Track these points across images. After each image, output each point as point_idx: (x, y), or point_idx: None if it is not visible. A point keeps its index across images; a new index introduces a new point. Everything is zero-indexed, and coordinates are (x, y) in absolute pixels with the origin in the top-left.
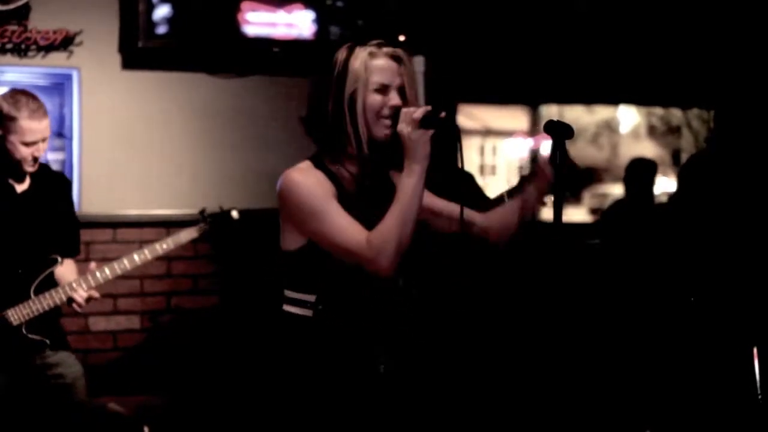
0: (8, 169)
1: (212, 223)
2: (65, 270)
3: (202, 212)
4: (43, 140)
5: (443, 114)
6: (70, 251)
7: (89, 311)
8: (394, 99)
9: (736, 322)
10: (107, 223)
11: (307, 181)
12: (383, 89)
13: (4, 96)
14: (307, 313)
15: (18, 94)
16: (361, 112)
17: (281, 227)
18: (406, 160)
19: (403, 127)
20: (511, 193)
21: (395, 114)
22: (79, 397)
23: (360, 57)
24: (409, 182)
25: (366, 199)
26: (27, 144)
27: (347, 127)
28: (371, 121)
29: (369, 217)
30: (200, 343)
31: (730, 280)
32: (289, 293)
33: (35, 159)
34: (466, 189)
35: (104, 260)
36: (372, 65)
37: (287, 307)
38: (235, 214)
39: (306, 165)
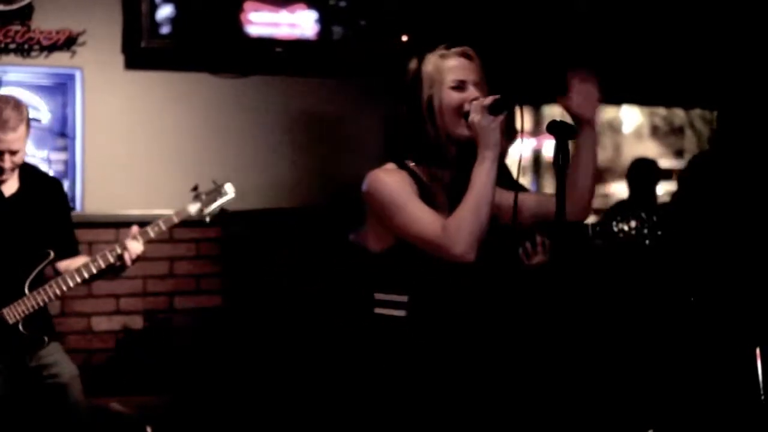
0: None
1: (207, 198)
2: (79, 259)
3: (195, 188)
4: (11, 152)
5: (511, 100)
6: (69, 252)
7: (91, 311)
8: (472, 93)
9: (738, 322)
10: (110, 223)
11: (390, 178)
12: (460, 86)
13: None
14: (400, 313)
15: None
16: (440, 113)
17: (367, 228)
18: (478, 149)
19: (474, 116)
20: None
21: None
22: (75, 396)
23: (431, 61)
24: (481, 169)
25: (450, 199)
26: None
27: (429, 130)
28: (451, 122)
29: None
30: (203, 343)
31: (732, 280)
32: (379, 296)
33: (1, 170)
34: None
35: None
36: (444, 65)
37: (379, 310)
38: (229, 188)
39: (390, 166)
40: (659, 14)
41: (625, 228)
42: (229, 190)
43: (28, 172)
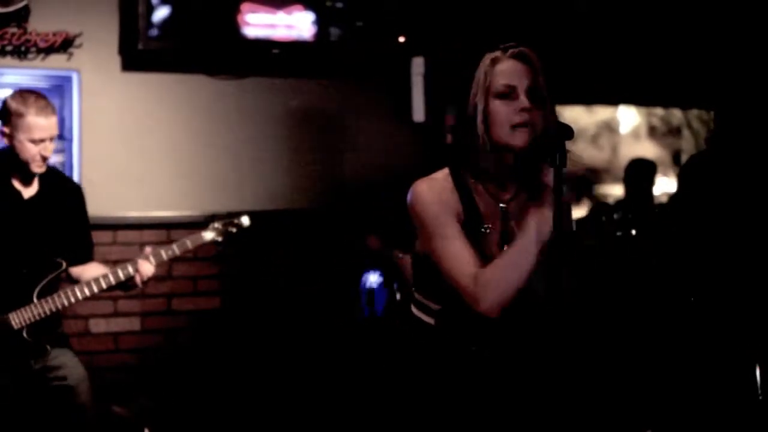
0: (16, 171)
1: (224, 230)
2: (86, 268)
3: (212, 218)
4: (51, 139)
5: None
6: (83, 257)
7: (89, 313)
8: (523, 103)
9: (737, 322)
10: (107, 225)
11: (430, 196)
12: (508, 93)
13: (12, 95)
14: (431, 320)
15: (25, 92)
16: (482, 121)
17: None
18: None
19: (547, 174)
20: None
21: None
22: (82, 399)
23: (483, 64)
24: (532, 224)
25: (503, 226)
26: (35, 141)
27: (475, 140)
28: (500, 131)
29: (497, 243)
30: (201, 345)
31: (731, 280)
32: (417, 296)
33: (44, 158)
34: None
35: (104, 262)
36: (493, 70)
37: (415, 310)
38: (245, 220)
39: (442, 174)
40: (657, 15)
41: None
42: (245, 222)
43: (49, 174)
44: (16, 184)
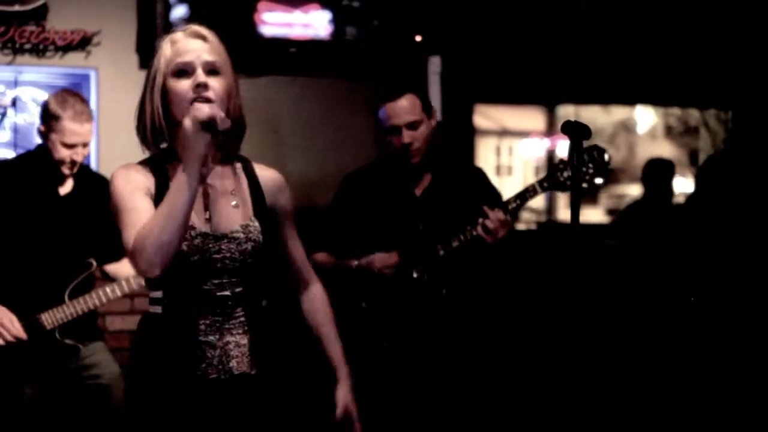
0: (49, 169)
1: None
2: (122, 267)
3: None
4: (84, 145)
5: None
6: (114, 255)
7: (106, 311)
8: (199, 77)
9: (754, 322)
10: None
11: (121, 177)
12: (185, 71)
13: (55, 94)
14: (158, 309)
15: (67, 94)
16: (160, 102)
17: None
18: (183, 157)
19: (186, 121)
20: (520, 198)
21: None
22: (117, 397)
23: (163, 46)
24: (182, 178)
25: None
26: (67, 146)
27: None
28: (179, 108)
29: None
30: None
31: (748, 279)
32: (150, 295)
33: (73, 163)
34: (478, 187)
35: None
36: (171, 50)
37: (149, 309)
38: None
39: (139, 162)
40: (675, 15)
41: (567, 173)
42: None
43: (81, 171)
44: (52, 181)
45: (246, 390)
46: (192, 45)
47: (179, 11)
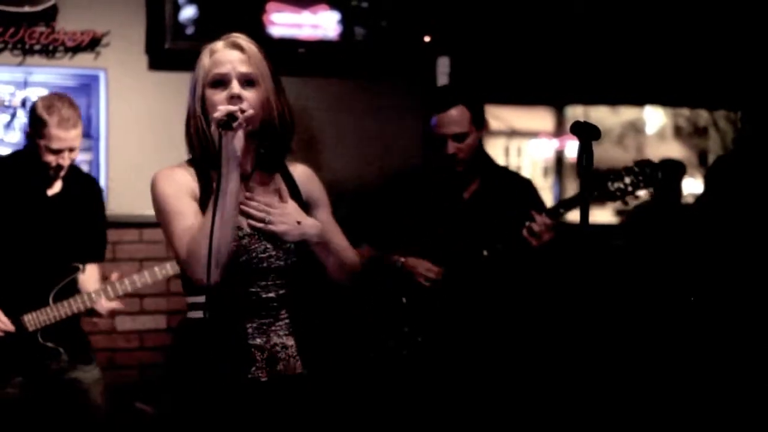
0: (37, 170)
1: None
2: (87, 277)
3: None
4: (70, 150)
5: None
6: (95, 256)
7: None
8: (233, 89)
9: (761, 323)
10: (133, 223)
11: (165, 179)
12: (221, 81)
13: (43, 98)
14: (201, 314)
15: (55, 98)
16: (200, 110)
17: None
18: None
19: (213, 128)
20: (567, 204)
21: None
22: (96, 401)
23: (203, 55)
24: (229, 191)
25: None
26: (52, 151)
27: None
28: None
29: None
30: None
31: (757, 282)
32: (188, 300)
33: (59, 167)
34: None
35: (131, 260)
36: (210, 60)
37: (188, 314)
38: None
39: (180, 164)
40: (684, 15)
41: (621, 185)
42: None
43: (70, 171)
44: (39, 182)
45: (296, 391)
46: (229, 56)
47: (188, 12)
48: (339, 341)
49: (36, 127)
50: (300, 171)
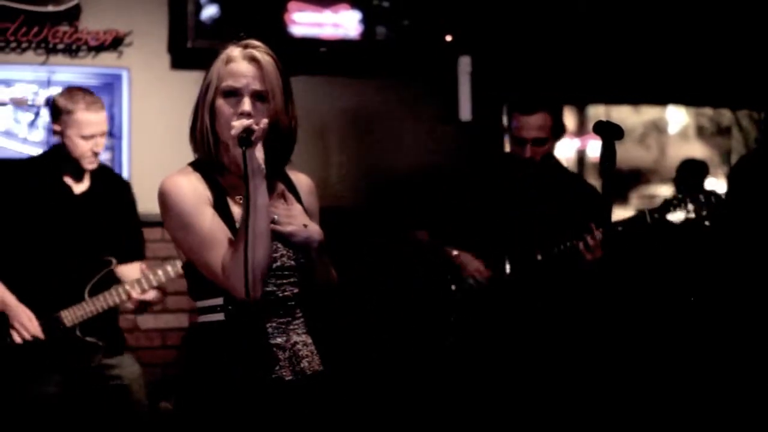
0: (68, 168)
1: None
2: (129, 271)
3: None
4: (101, 134)
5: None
6: (134, 255)
7: None
8: (244, 105)
9: None
10: (156, 222)
11: (185, 186)
12: (233, 93)
13: (60, 92)
14: (219, 317)
15: (73, 89)
16: (209, 117)
17: None
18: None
19: (232, 146)
20: (626, 224)
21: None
22: (136, 397)
23: (219, 60)
24: (258, 203)
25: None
26: (85, 138)
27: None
28: (223, 130)
29: None
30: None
31: None
32: (198, 304)
33: (95, 154)
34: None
35: (154, 259)
36: (225, 69)
37: (200, 318)
38: None
39: (187, 170)
40: (707, 15)
41: (683, 216)
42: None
43: (99, 171)
44: (68, 181)
45: (320, 389)
46: (244, 70)
47: (210, 11)
48: (358, 335)
49: (62, 118)
50: (302, 180)
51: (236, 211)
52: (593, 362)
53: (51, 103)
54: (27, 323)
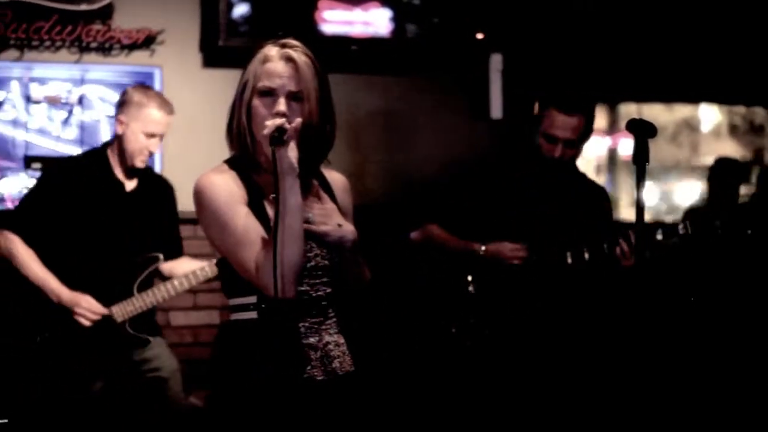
0: (120, 163)
1: None
2: (176, 266)
3: None
4: (161, 136)
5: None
6: (175, 253)
7: (169, 307)
8: (279, 105)
9: None
10: (188, 219)
11: (220, 185)
12: (269, 93)
13: (135, 86)
14: (252, 315)
15: (148, 87)
16: (246, 115)
17: None
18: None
19: (265, 146)
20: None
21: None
22: (174, 391)
23: (256, 59)
24: (289, 202)
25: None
26: (147, 134)
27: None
28: (258, 129)
29: None
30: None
31: None
32: (231, 302)
33: (149, 154)
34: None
35: (186, 256)
36: (262, 68)
37: (233, 316)
38: None
39: (222, 167)
40: (740, 13)
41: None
42: None
43: (145, 171)
44: (120, 176)
45: (352, 389)
46: (281, 70)
47: (241, 9)
48: (388, 336)
49: (131, 110)
50: (337, 178)
51: (271, 210)
52: (618, 364)
53: (123, 94)
54: (88, 306)
